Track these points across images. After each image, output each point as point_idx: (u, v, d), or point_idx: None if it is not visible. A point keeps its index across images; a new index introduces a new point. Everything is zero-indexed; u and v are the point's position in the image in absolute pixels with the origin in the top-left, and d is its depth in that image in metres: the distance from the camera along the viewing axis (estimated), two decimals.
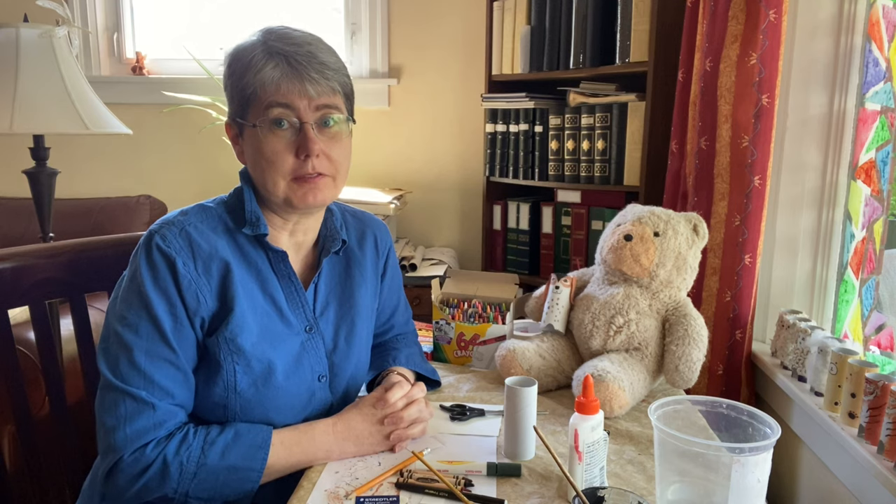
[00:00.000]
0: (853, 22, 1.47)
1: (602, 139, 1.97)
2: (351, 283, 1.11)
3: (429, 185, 2.65)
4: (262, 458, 0.93)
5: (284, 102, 0.94)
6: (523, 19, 2.16)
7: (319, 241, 1.10)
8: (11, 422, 1.12)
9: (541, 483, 0.93)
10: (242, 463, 0.92)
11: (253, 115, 0.96)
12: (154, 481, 0.88)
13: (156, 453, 0.89)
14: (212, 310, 0.96)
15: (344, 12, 2.60)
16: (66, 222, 2.28)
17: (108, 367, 0.91)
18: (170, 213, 1.00)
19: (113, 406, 0.89)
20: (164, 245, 0.93)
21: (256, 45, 0.96)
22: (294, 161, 0.96)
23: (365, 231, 1.17)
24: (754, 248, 1.49)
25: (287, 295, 1.02)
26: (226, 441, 0.92)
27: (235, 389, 0.96)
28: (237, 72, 0.97)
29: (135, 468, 0.88)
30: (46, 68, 1.69)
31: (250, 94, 0.95)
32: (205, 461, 0.90)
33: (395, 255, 1.23)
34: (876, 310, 1.39)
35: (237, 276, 0.97)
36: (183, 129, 2.61)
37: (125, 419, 0.89)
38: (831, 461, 1.26)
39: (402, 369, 1.17)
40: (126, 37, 2.69)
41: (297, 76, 0.94)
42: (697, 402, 0.91)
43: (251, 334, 0.96)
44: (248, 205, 1.00)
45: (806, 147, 1.54)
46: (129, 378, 0.90)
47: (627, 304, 1.19)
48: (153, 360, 0.91)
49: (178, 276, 0.93)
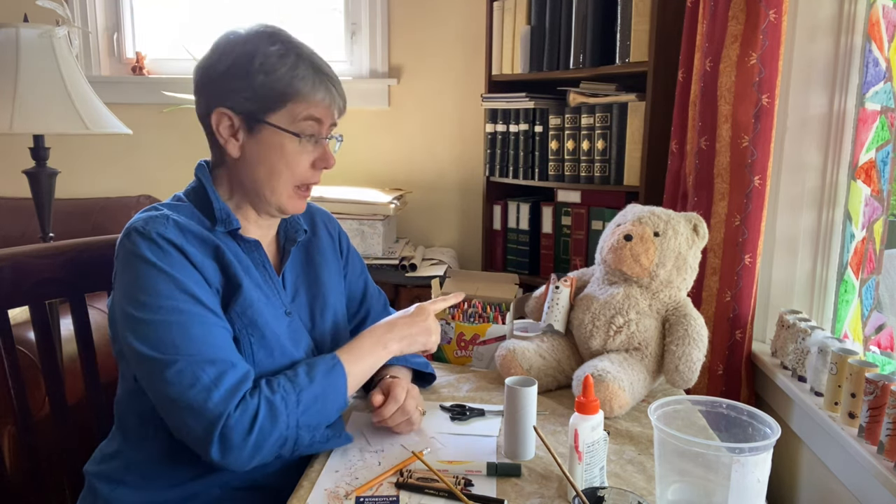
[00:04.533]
0: (853, 22, 1.47)
1: (602, 139, 1.97)
2: (314, 267, 1.15)
3: (429, 185, 2.65)
4: (341, 372, 0.98)
5: (319, 118, 1.00)
6: (523, 19, 2.16)
7: (280, 232, 1.13)
8: (11, 422, 1.13)
9: (541, 483, 0.93)
10: (327, 380, 0.96)
11: (279, 118, 0.98)
12: (266, 423, 0.89)
13: (256, 399, 0.89)
14: (223, 283, 0.98)
15: (344, 12, 2.59)
16: (66, 222, 2.28)
17: (167, 351, 0.88)
18: (142, 212, 0.98)
19: (195, 380, 0.88)
20: (164, 231, 0.94)
21: (289, 49, 0.98)
22: (308, 171, 1.02)
23: (314, 219, 1.21)
24: (754, 248, 1.49)
25: (264, 282, 1.04)
26: (305, 370, 0.96)
27: (254, 361, 0.97)
28: (266, 68, 0.96)
29: (244, 420, 0.88)
30: (46, 68, 1.69)
31: (277, 96, 0.97)
32: (301, 387, 0.93)
33: (347, 237, 1.28)
34: (876, 310, 1.39)
35: (231, 259, 0.99)
36: (183, 129, 2.61)
37: (214, 383, 0.88)
38: (831, 461, 1.26)
39: (396, 369, 1.16)
40: (126, 37, 2.69)
41: (332, 97, 1.01)
42: (697, 402, 0.91)
43: (261, 307, 0.99)
44: (216, 202, 1.01)
45: (806, 147, 1.54)
46: (196, 350, 0.89)
47: (627, 304, 1.19)
48: (208, 327, 0.92)
49: (189, 256, 0.94)
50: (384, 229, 2.24)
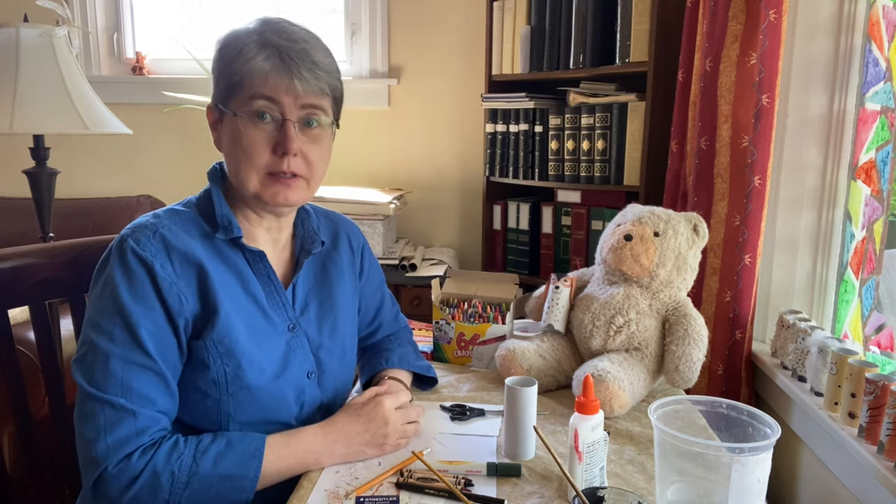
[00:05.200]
0: (853, 22, 1.47)
1: (602, 139, 1.97)
2: (329, 282, 1.11)
3: (429, 185, 2.65)
4: (256, 467, 0.90)
5: (270, 96, 0.93)
6: (523, 19, 2.16)
7: (297, 240, 1.09)
8: (11, 422, 1.12)
9: (541, 483, 0.93)
10: (236, 471, 0.89)
11: (236, 104, 0.94)
12: (144, 492, 0.85)
13: (143, 462, 0.85)
14: (194, 311, 0.93)
15: (344, 12, 2.59)
16: (66, 222, 2.28)
17: (83, 376, 0.88)
18: (141, 217, 0.97)
19: (91, 416, 0.86)
20: (140, 248, 0.91)
21: (251, 34, 0.94)
22: (270, 157, 0.95)
23: (338, 231, 1.17)
24: (754, 248, 1.49)
25: (267, 294, 1.01)
26: (218, 449, 0.90)
27: (227, 391, 0.94)
28: (227, 56, 0.95)
29: (122, 479, 0.84)
30: (46, 68, 1.70)
31: (237, 81, 0.94)
32: (197, 470, 0.87)
33: (371, 252, 1.23)
34: (876, 310, 1.39)
35: (216, 279, 0.95)
36: (183, 129, 2.61)
37: (105, 428, 0.85)
38: (831, 461, 1.26)
39: (396, 371, 1.16)
40: (126, 37, 2.69)
41: (287, 71, 0.92)
42: (697, 402, 0.91)
43: (240, 335, 0.95)
44: (219, 208, 0.99)
45: (806, 147, 1.54)
46: (106, 386, 0.87)
47: (627, 304, 1.19)
48: (130, 368, 0.88)
49: (158, 280, 0.90)
50: (384, 229, 2.24)
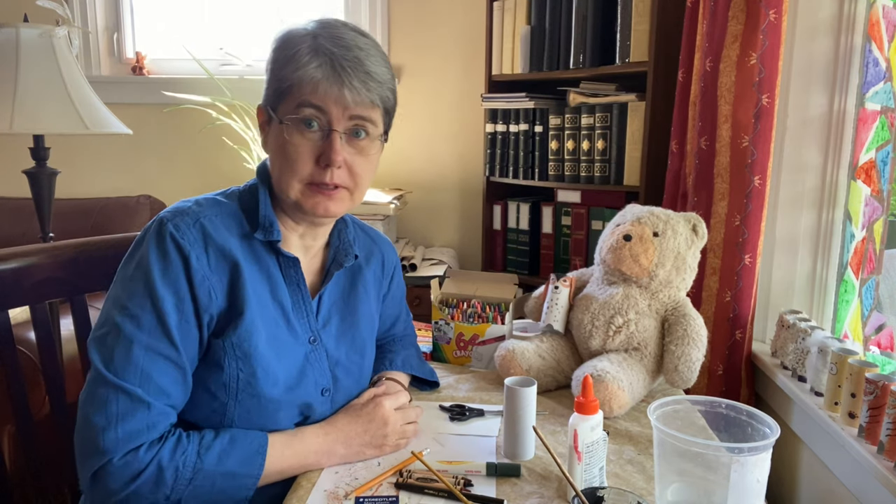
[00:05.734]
0: (853, 22, 1.47)
1: (602, 139, 1.97)
2: (355, 298, 1.09)
3: (429, 185, 2.65)
4: (260, 465, 0.90)
5: (318, 105, 0.91)
6: (523, 19, 2.16)
7: (330, 251, 1.07)
8: (11, 422, 1.13)
9: (540, 483, 0.93)
10: (240, 469, 0.88)
11: (283, 110, 0.93)
12: (146, 487, 0.83)
13: (149, 456, 0.84)
14: (221, 308, 0.92)
15: (344, 12, 2.59)
16: (66, 222, 2.28)
17: (101, 359, 0.85)
18: (182, 202, 0.95)
19: (104, 403, 0.84)
20: (179, 235, 0.89)
21: (305, 39, 0.92)
22: (314, 167, 0.93)
23: (373, 249, 1.15)
24: (754, 248, 1.49)
25: (294, 302, 0.99)
26: (222, 445, 0.89)
27: (237, 397, 0.92)
28: (279, 60, 0.93)
29: (126, 473, 0.83)
30: (46, 68, 1.70)
31: (286, 87, 0.92)
32: (201, 466, 0.86)
33: (401, 272, 1.24)
34: (876, 310, 1.39)
35: (248, 278, 0.93)
36: (183, 129, 2.61)
37: (117, 418, 0.83)
38: (831, 461, 1.26)
39: (396, 374, 1.16)
40: (126, 37, 2.69)
41: (338, 81, 0.90)
42: (697, 402, 0.91)
43: (259, 341, 0.93)
44: (263, 208, 0.97)
45: (806, 147, 1.54)
46: (125, 373, 0.84)
47: (627, 304, 1.19)
48: (153, 357, 0.86)
49: (191, 271, 0.88)
50: (384, 229, 2.24)
